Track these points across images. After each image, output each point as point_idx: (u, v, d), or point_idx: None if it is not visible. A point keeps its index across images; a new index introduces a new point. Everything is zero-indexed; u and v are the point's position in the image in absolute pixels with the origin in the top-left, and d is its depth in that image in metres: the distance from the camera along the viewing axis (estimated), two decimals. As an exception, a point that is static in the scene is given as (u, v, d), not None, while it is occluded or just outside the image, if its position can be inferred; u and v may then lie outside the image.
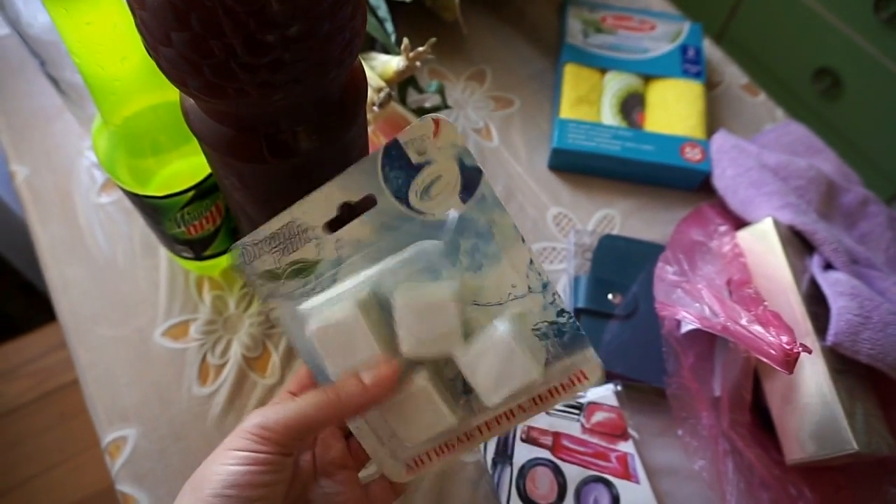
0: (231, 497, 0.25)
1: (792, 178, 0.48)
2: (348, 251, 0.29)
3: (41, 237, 0.48)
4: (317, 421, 0.27)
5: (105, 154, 0.36)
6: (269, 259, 0.29)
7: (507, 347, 0.28)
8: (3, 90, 0.55)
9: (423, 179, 0.28)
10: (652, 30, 0.58)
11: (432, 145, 0.27)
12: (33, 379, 0.99)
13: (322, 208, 0.28)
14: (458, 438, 0.30)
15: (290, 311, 0.30)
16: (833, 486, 0.40)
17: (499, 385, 0.28)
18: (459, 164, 0.27)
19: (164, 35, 0.22)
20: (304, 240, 0.29)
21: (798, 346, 0.34)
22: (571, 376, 0.29)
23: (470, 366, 0.29)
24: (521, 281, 0.29)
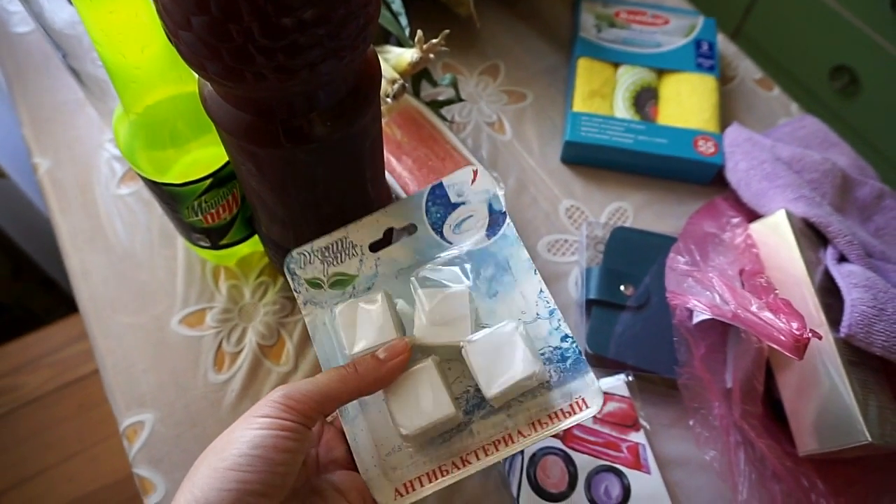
0: (257, 457, 0.26)
1: (806, 171, 0.48)
2: (384, 269, 0.33)
3: (62, 227, 0.49)
4: (337, 394, 0.28)
5: (125, 142, 0.36)
6: (318, 268, 0.33)
7: (511, 338, 0.30)
8: (26, 85, 0.56)
9: (458, 216, 0.33)
10: (665, 24, 0.58)
11: (470, 189, 0.33)
12: (53, 370, 1.01)
13: (371, 230, 0.33)
14: (452, 463, 0.30)
15: (321, 318, 0.33)
16: (846, 478, 0.40)
17: (500, 375, 0.29)
18: (489, 207, 0.33)
19: (184, 19, 0.23)
20: (350, 255, 0.33)
21: (808, 332, 0.34)
22: (573, 403, 0.30)
23: (473, 354, 0.30)
24: (531, 308, 0.32)
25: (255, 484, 0.25)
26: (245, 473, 0.25)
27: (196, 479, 0.26)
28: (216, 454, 0.26)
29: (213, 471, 0.25)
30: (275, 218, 0.36)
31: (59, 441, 0.96)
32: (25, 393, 1.00)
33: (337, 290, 0.33)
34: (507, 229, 0.33)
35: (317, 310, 0.33)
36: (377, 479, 0.30)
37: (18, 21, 0.60)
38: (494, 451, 0.30)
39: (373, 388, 0.30)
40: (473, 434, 0.31)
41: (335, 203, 0.34)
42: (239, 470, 0.25)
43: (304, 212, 0.34)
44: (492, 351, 0.30)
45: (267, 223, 0.38)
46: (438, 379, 0.30)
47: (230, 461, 0.25)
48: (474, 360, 0.30)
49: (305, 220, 0.35)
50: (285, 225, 0.36)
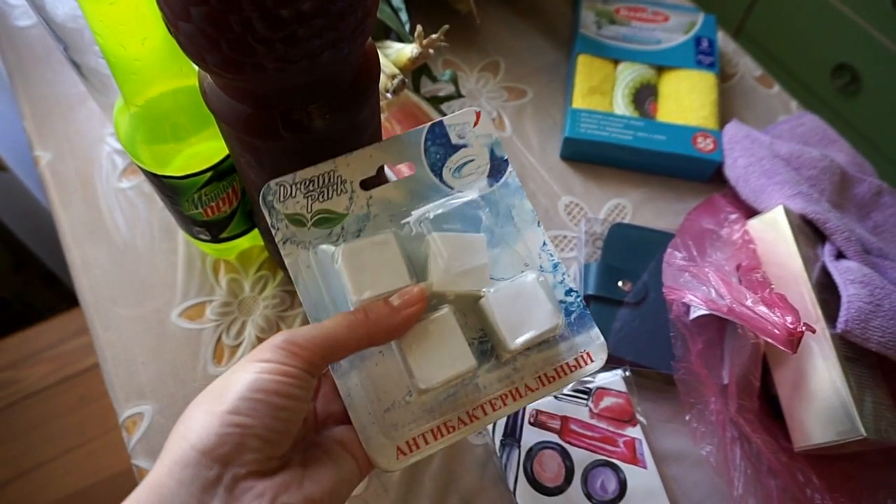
0: (260, 401, 0.23)
1: (804, 168, 0.48)
2: (377, 209, 0.30)
3: (63, 220, 0.49)
4: (345, 341, 0.26)
5: (126, 135, 0.37)
6: (301, 202, 0.29)
7: (533, 289, 0.29)
8: (28, 79, 0.57)
9: (459, 158, 0.31)
10: (665, 21, 0.58)
11: (471, 132, 0.31)
12: (53, 364, 1.02)
13: (363, 165, 0.30)
14: (458, 419, 0.28)
15: (305, 259, 0.29)
16: (842, 474, 0.40)
17: (523, 326, 0.28)
18: (490, 153, 0.31)
19: (184, 10, 0.23)
20: (339, 191, 0.30)
21: (802, 326, 0.34)
22: (577, 357, 0.30)
23: (495, 304, 0.29)
24: (534, 260, 0.31)
25: (258, 428, 0.23)
26: (246, 417, 0.23)
27: (190, 424, 0.23)
28: (212, 398, 0.24)
29: (210, 415, 0.23)
30: (274, 210, 0.36)
31: (58, 435, 0.96)
32: (25, 386, 1.00)
33: (322, 230, 0.29)
34: (510, 178, 0.31)
35: (299, 250, 0.29)
36: (375, 439, 0.28)
37: (20, 15, 0.60)
38: (502, 406, 0.29)
39: (384, 338, 0.27)
40: (479, 388, 0.29)
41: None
42: (239, 413, 0.23)
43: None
44: (512, 302, 0.29)
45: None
46: (458, 330, 0.28)
47: (229, 404, 0.23)
48: (496, 310, 0.28)
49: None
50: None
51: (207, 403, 0.24)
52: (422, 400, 0.28)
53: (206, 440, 0.23)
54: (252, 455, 0.23)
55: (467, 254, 0.29)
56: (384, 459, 0.27)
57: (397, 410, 0.28)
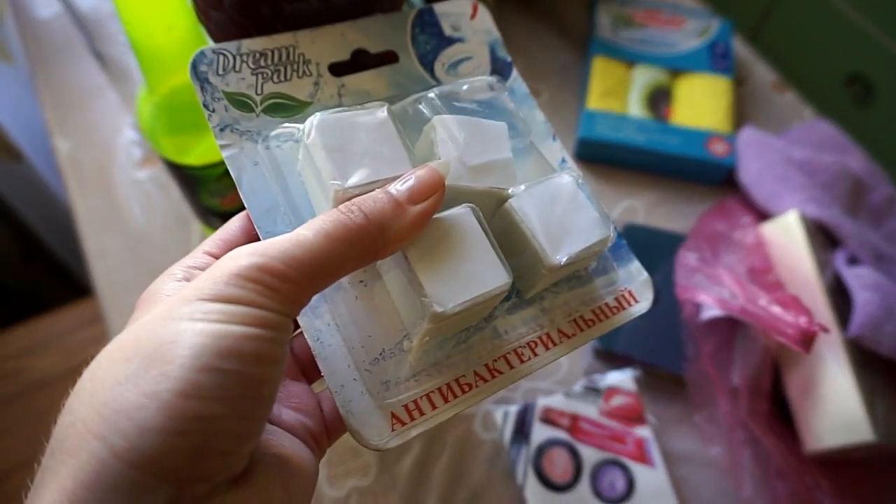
0: (229, 372, 0.15)
1: (818, 174, 0.48)
2: (351, 101, 0.24)
3: (80, 208, 0.50)
4: (339, 257, 0.17)
5: (148, 124, 0.37)
6: (248, 80, 0.22)
7: (573, 192, 0.23)
8: (49, 70, 0.57)
9: (454, 53, 0.26)
10: (681, 25, 0.59)
11: (468, 25, 0.26)
12: (61, 353, 1.02)
13: (333, 46, 0.24)
14: (475, 373, 0.21)
15: (251, 153, 0.22)
16: (851, 478, 0.40)
17: (565, 237, 0.22)
18: (491, 52, 0.26)
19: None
20: (301, 72, 0.23)
21: (815, 325, 0.34)
22: (619, 297, 0.24)
23: (529, 207, 0.22)
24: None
25: (230, 418, 0.15)
26: (211, 403, 0.14)
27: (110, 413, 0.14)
28: (146, 362, 0.15)
29: (148, 397, 0.14)
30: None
31: (66, 424, 0.97)
32: (32, 376, 1.01)
33: (276, 118, 0.22)
34: (516, 83, 0.26)
35: (243, 141, 0.22)
36: (359, 403, 0.20)
37: (42, 7, 0.61)
38: (532, 356, 0.22)
39: (390, 247, 0.18)
40: (499, 334, 0.22)
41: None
42: (200, 395, 0.14)
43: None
44: (551, 205, 0.22)
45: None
46: (483, 234, 0.21)
47: (183, 380, 0.14)
48: (529, 216, 0.22)
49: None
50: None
51: (139, 371, 0.14)
52: (424, 348, 0.21)
53: (143, 446, 0.14)
54: (219, 461, 0.15)
55: (486, 142, 0.22)
56: (373, 432, 0.19)
57: (390, 362, 0.20)
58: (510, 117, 0.25)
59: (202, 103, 0.22)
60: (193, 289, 0.16)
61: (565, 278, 0.24)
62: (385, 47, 0.25)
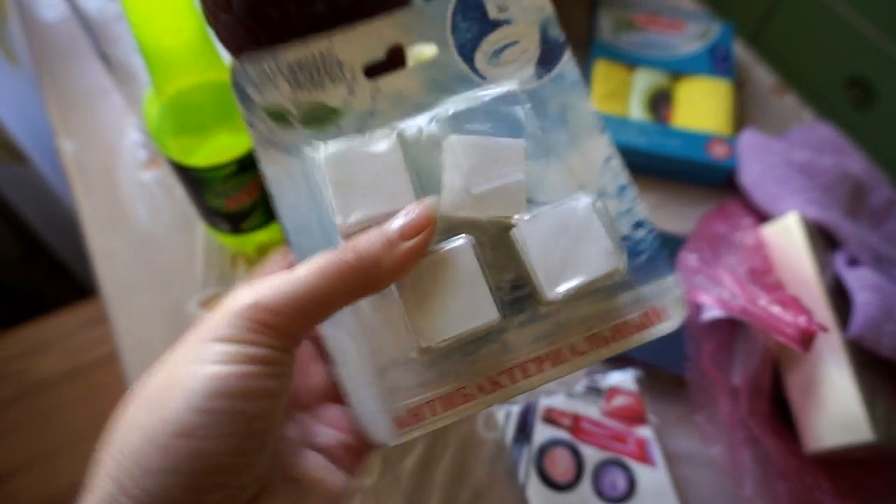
0: (219, 412, 0.16)
1: (818, 176, 0.49)
2: (385, 105, 0.23)
3: (85, 209, 0.50)
4: (332, 295, 0.18)
5: (154, 125, 0.37)
6: (286, 92, 0.23)
7: (587, 219, 0.21)
8: (54, 71, 0.58)
9: (498, 39, 0.24)
10: (682, 29, 0.59)
11: (517, 3, 0.24)
12: (64, 354, 1.03)
13: (368, 45, 0.23)
14: (478, 385, 0.22)
15: (288, 168, 0.22)
16: (851, 479, 0.40)
17: (568, 269, 0.21)
18: (542, 33, 0.24)
19: (226, 2, 0.24)
20: (335, 77, 0.23)
21: (814, 325, 0.35)
22: (647, 312, 0.22)
23: (532, 237, 0.21)
24: (593, 180, 0.23)
25: (221, 456, 0.16)
26: (204, 440, 0.16)
27: (121, 452, 0.16)
28: (148, 407, 0.17)
29: (148, 440, 0.16)
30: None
31: (67, 425, 0.97)
32: (34, 377, 1.01)
33: (313, 130, 0.23)
34: (567, 67, 0.24)
35: (284, 157, 0.22)
36: (369, 404, 0.21)
37: (47, 9, 0.61)
38: (537, 372, 0.22)
39: (382, 282, 0.19)
40: (508, 347, 0.22)
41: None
42: (193, 434, 0.16)
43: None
44: (556, 235, 0.21)
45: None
46: (478, 268, 0.21)
47: (175, 422, 0.16)
48: (532, 246, 0.21)
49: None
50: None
51: (143, 416, 0.17)
52: (430, 358, 0.22)
53: (147, 485, 0.16)
54: (219, 493, 0.16)
55: (497, 165, 0.22)
56: (378, 430, 0.21)
57: (397, 371, 0.22)
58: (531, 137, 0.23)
59: (245, 120, 0.23)
60: (197, 331, 0.19)
61: (588, 291, 0.22)
62: (422, 41, 0.24)
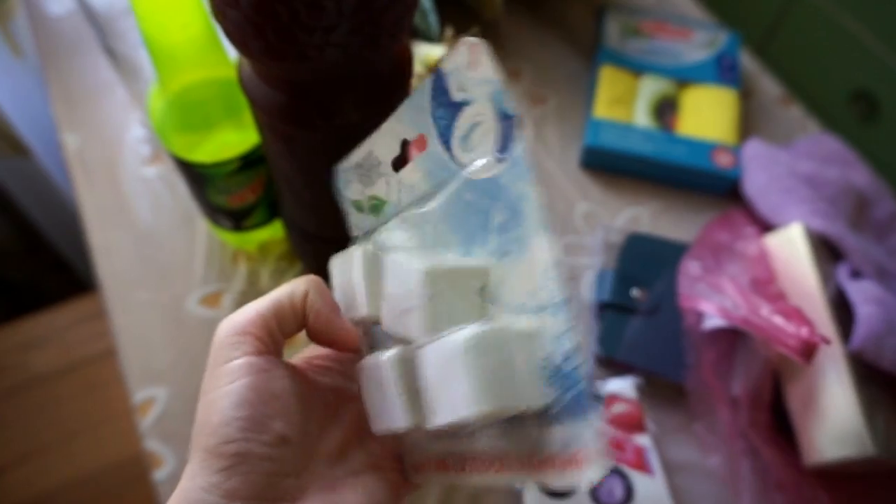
0: (243, 419, 0.21)
1: (823, 188, 0.48)
2: (405, 196, 0.25)
3: (87, 203, 0.50)
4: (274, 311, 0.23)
5: (159, 120, 0.37)
6: (357, 188, 0.27)
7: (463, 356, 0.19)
8: (59, 66, 0.58)
9: (464, 122, 0.22)
10: (689, 37, 0.59)
11: (471, 80, 0.21)
12: (61, 349, 1.02)
13: (389, 142, 0.25)
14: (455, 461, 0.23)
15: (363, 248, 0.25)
16: (851, 492, 0.40)
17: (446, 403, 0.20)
18: (496, 107, 0.21)
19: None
20: (377, 174, 0.26)
21: (816, 337, 0.34)
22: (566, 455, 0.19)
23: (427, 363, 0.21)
24: (535, 291, 0.21)
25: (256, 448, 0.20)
26: (238, 444, 0.20)
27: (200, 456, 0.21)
28: (201, 430, 0.21)
29: (206, 454, 0.20)
30: (302, 201, 0.37)
31: (63, 419, 0.97)
32: (32, 370, 1.01)
33: (374, 217, 0.26)
34: (518, 150, 0.21)
35: (363, 241, 0.27)
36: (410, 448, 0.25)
37: (54, 3, 0.61)
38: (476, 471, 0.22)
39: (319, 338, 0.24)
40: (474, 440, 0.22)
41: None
42: (230, 440, 0.20)
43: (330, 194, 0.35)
44: (446, 365, 0.20)
45: (292, 207, 0.39)
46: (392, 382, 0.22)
47: (218, 436, 0.20)
48: (427, 372, 0.21)
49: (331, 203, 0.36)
50: (311, 208, 0.37)
51: (199, 440, 0.21)
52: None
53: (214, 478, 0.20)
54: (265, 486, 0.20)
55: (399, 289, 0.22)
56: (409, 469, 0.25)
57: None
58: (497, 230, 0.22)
59: (344, 210, 0.28)
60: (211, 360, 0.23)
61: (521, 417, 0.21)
62: (418, 131, 0.24)
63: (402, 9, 0.26)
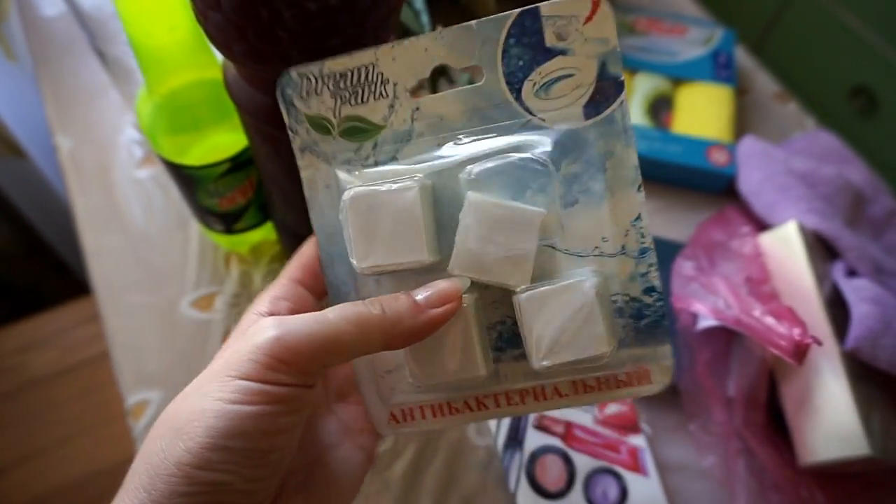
0: (237, 451, 0.18)
1: (819, 185, 0.48)
2: (423, 127, 0.24)
3: (79, 206, 0.50)
4: (353, 343, 0.20)
5: (147, 123, 0.37)
6: (328, 102, 0.24)
7: (587, 304, 0.22)
8: (52, 67, 0.57)
9: (551, 70, 0.22)
10: (684, 34, 0.59)
11: (578, 32, 0.22)
12: (59, 351, 1.02)
13: (415, 62, 0.23)
14: (465, 402, 0.24)
15: (325, 176, 0.24)
16: (846, 492, 0.39)
17: (558, 346, 0.22)
18: (600, 68, 0.22)
19: (215, 0, 0.23)
20: (378, 94, 0.24)
21: (808, 338, 0.34)
22: (633, 371, 0.23)
23: (531, 310, 0.23)
24: (618, 236, 0.23)
25: (237, 484, 0.18)
26: (221, 473, 0.18)
27: (151, 471, 0.18)
28: (176, 435, 0.18)
29: (174, 466, 0.18)
30: (291, 203, 0.36)
31: (60, 422, 0.97)
32: (29, 373, 1.01)
33: (350, 142, 0.24)
34: (620, 111, 0.22)
35: (319, 163, 0.24)
36: (371, 396, 0.25)
37: (47, 5, 0.61)
38: (520, 403, 0.24)
39: (402, 342, 0.22)
40: (499, 377, 0.24)
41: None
42: (211, 467, 0.18)
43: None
44: (555, 311, 0.22)
45: (282, 209, 0.38)
46: (473, 330, 0.23)
47: (196, 454, 0.18)
48: (528, 317, 0.23)
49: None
50: (300, 210, 0.37)
51: (170, 442, 0.18)
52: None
53: (169, 501, 0.18)
54: None
55: (509, 234, 0.22)
56: (377, 421, 0.25)
57: (396, 375, 0.25)
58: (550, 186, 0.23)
59: (287, 126, 0.24)
60: (221, 361, 0.20)
61: None
62: (470, 62, 0.23)
63: (385, 10, 0.25)
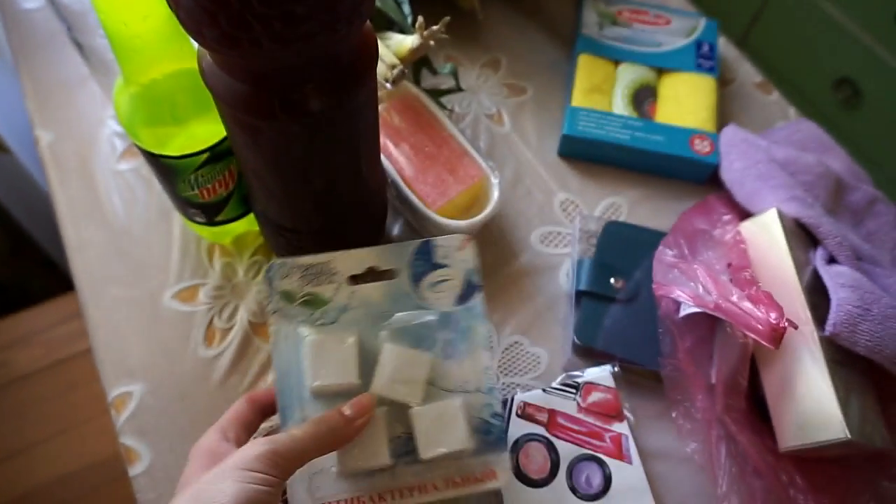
0: None
1: (800, 174, 0.48)
2: (356, 304, 0.35)
3: (60, 199, 0.50)
4: (312, 451, 0.30)
5: (125, 115, 0.37)
6: (295, 282, 0.34)
7: (455, 414, 0.33)
8: (32, 60, 0.57)
9: (437, 276, 0.35)
10: (667, 24, 0.59)
11: (455, 256, 0.35)
12: (44, 347, 1.02)
13: (355, 263, 0.35)
14: (370, 496, 0.33)
15: (286, 331, 0.34)
16: (826, 476, 0.40)
17: (436, 442, 0.33)
18: (465, 278, 0.35)
19: (184, -16, 0.23)
20: (329, 280, 0.34)
21: (784, 322, 0.34)
22: (485, 472, 0.34)
23: (421, 416, 0.33)
24: (476, 379, 0.34)
25: None
26: None
27: None
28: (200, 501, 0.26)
29: None
30: (270, 194, 0.36)
31: (46, 418, 0.96)
32: (15, 369, 1.00)
33: (305, 309, 0.34)
34: (477, 303, 0.35)
35: (283, 322, 0.34)
36: (301, 493, 0.33)
37: (26, -3, 0.60)
38: (409, 496, 0.33)
39: (339, 445, 0.31)
40: (395, 476, 0.33)
41: (328, 180, 0.34)
42: None
43: (298, 187, 0.35)
44: (435, 419, 0.33)
45: (263, 200, 0.38)
46: (383, 432, 0.33)
47: None
48: (419, 423, 0.33)
49: (299, 195, 0.35)
50: (280, 201, 0.37)
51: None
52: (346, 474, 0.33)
53: None
54: None
55: (410, 368, 0.34)
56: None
57: (322, 475, 0.33)
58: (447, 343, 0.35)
59: (267, 296, 0.34)
60: (235, 460, 0.28)
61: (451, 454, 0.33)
62: (389, 266, 0.35)
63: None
